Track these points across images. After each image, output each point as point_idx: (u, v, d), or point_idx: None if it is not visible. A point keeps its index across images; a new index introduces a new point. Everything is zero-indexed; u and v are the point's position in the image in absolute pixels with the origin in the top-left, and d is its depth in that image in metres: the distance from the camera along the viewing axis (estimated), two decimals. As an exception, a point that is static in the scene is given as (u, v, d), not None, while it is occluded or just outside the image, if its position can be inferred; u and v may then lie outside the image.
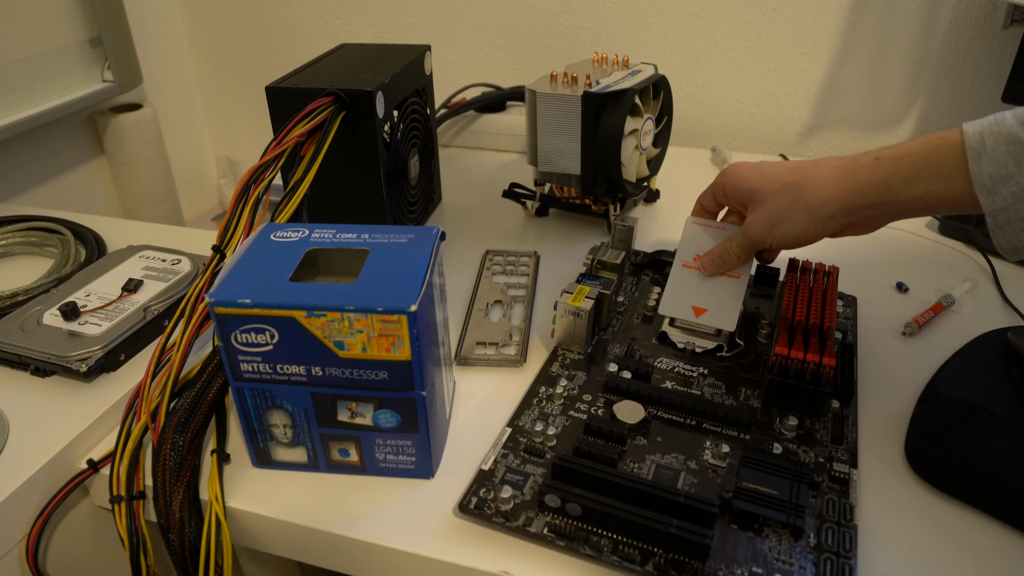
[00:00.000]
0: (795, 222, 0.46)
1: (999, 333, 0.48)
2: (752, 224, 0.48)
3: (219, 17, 1.09)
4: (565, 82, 0.63)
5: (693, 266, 0.53)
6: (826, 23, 0.85)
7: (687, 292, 0.52)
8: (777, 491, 0.39)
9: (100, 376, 0.50)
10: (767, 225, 0.47)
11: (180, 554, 0.39)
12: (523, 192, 0.73)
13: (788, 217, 0.46)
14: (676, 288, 0.53)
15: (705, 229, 0.54)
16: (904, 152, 0.43)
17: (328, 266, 0.43)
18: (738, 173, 0.49)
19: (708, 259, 0.52)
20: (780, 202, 0.46)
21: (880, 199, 0.43)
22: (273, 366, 0.38)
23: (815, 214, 0.45)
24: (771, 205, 0.47)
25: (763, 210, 0.47)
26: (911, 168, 0.42)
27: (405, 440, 0.41)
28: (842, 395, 0.46)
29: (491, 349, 0.52)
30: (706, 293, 0.52)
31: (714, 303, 0.51)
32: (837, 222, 0.45)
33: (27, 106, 0.84)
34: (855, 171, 0.44)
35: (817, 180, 0.45)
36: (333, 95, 0.55)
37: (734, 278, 0.52)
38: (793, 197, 0.46)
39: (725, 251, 0.51)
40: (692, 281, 0.53)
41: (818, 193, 0.45)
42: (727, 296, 0.51)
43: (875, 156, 0.44)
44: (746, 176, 0.48)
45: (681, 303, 0.52)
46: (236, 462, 0.44)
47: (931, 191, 0.42)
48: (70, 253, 0.64)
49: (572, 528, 0.38)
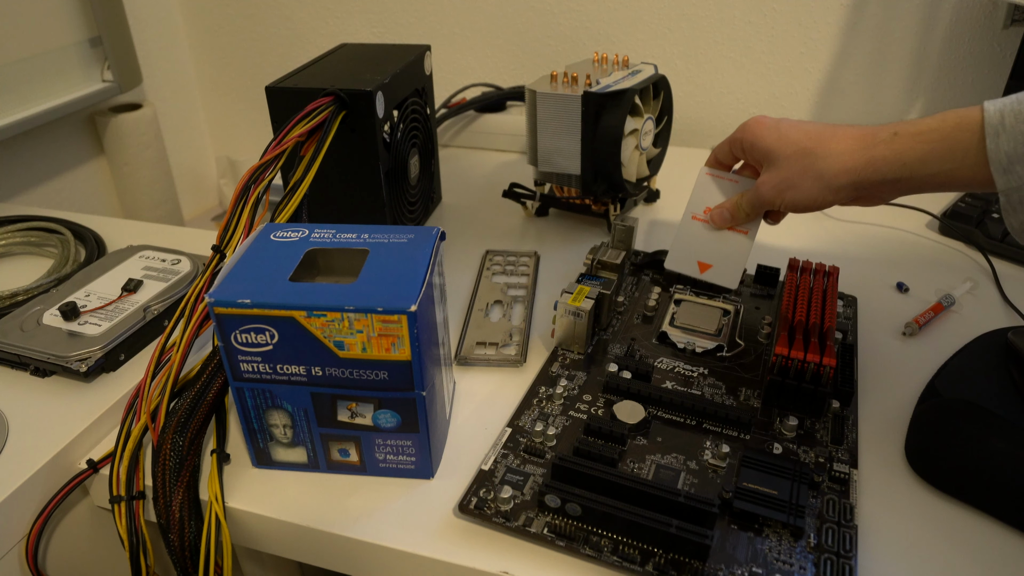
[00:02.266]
0: (806, 189, 0.46)
1: (999, 333, 0.48)
2: (764, 185, 0.48)
3: (219, 17, 1.09)
4: (565, 82, 0.63)
5: (702, 218, 0.52)
6: (826, 23, 0.85)
7: (694, 246, 0.52)
8: (777, 491, 0.39)
9: (100, 376, 0.50)
10: (778, 188, 0.47)
11: (180, 554, 0.39)
12: (523, 192, 0.73)
13: (799, 183, 0.46)
14: (684, 241, 0.52)
15: (718, 181, 0.53)
16: (922, 129, 0.42)
17: (328, 266, 0.43)
18: (757, 131, 0.49)
19: (718, 212, 0.52)
20: (794, 167, 0.46)
21: (894, 176, 0.43)
22: (273, 366, 0.38)
23: (826, 184, 0.45)
24: (784, 168, 0.47)
25: (776, 172, 0.47)
26: (928, 146, 0.42)
27: (405, 440, 0.41)
28: (842, 395, 0.46)
29: (491, 349, 0.52)
30: (713, 248, 0.51)
31: (720, 260, 0.51)
32: (847, 194, 0.45)
33: (27, 106, 0.84)
34: (872, 144, 0.44)
35: (833, 151, 0.45)
36: (333, 95, 0.55)
37: (742, 234, 0.51)
38: (807, 164, 0.46)
39: (735, 206, 0.51)
40: (700, 234, 0.52)
41: (832, 163, 0.45)
42: (733, 254, 0.51)
43: (893, 131, 0.43)
44: (764, 135, 0.48)
45: (687, 257, 0.51)
46: (236, 462, 0.44)
47: (945, 170, 0.41)
48: (70, 253, 0.64)
49: (572, 528, 0.38)
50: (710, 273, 0.51)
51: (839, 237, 0.69)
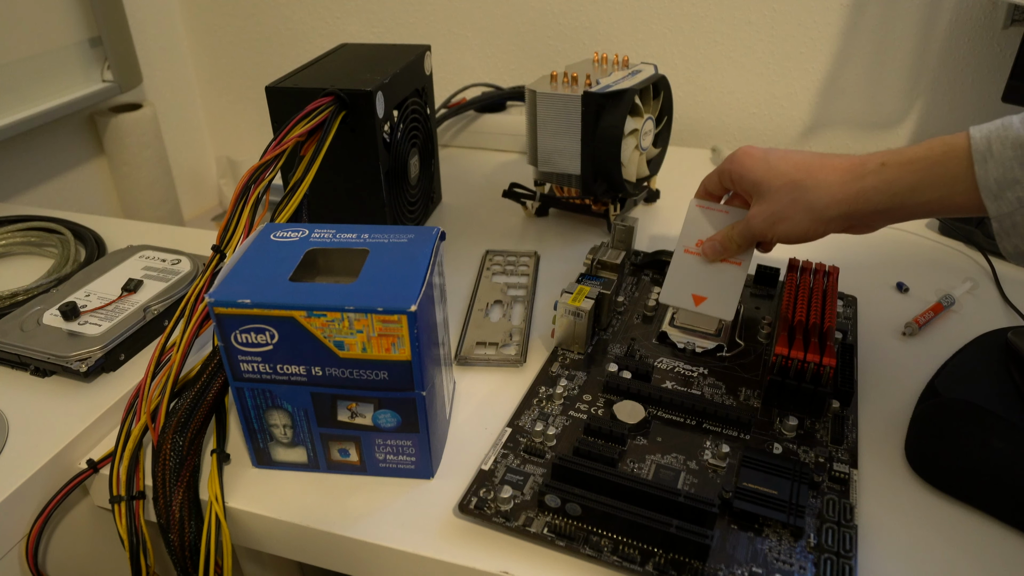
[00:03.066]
0: (797, 221, 0.46)
1: (999, 333, 0.48)
2: (755, 217, 0.48)
3: (219, 17, 1.09)
4: (565, 82, 0.63)
5: (695, 252, 0.53)
6: (826, 23, 0.85)
7: (688, 279, 0.52)
8: (777, 491, 0.39)
9: (100, 376, 0.50)
10: (769, 221, 0.47)
11: (180, 554, 0.39)
12: (523, 192, 0.73)
13: (790, 216, 0.46)
14: (677, 275, 0.52)
15: (709, 212, 0.53)
16: (910, 158, 0.42)
17: (328, 266, 0.43)
18: (745, 162, 0.49)
19: (710, 245, 0.52)
20: (783, 199, 0.46)
21: (885, 206, 0.43)
22: (273, 366, 0.38)
23: (817, 216, 0.45)
24: (774, 201, 0.47)
25: (766, 205, 0.47)
26: (916, 175, 0.42)
27: (405, 440, 0.41)
28: (842, 395, 0.46)
29: (491, 349, 0.52)
30: (706, 281, 0.52)
31: (714, 292, 0.51)
32: (838, 224, 0.46)
33: (27, 106, 0.84)
34: (861, 176, 0.44)
35: (822, 182, 0.45)
36: (333, 95, 0.55)
37: (735, 265, 0.52)
38: (796, 196, 0.46)
39: (727, 239, 0.51)
40: (693, 268, 0.52)
41: (822, 195, 0.45)
42: (727, 285, 0.51)
43: (881, 161, 0.43)
44: (753, 167, 0.48)
45: (682, 291, 0.52)
46: (236, 462, 0.44)
47: (936, 197, 0.41)
48: (70, 253, 0.64)
49: (572, 528, 0.38)
50: (705, 305, 0.51)
51: (839, 237, 0.68)
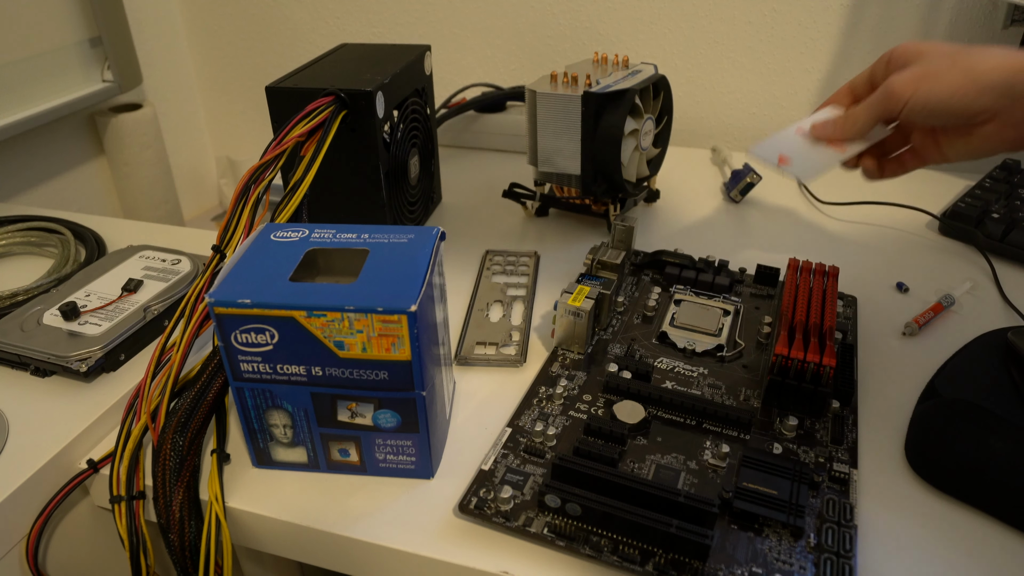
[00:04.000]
0: (948, 79, 0.43)
1: (999, 333, 0.48)
2: (898, 77, 0.44)
3: (219, 17, 1.09)
4: (565, 82, 0.63)
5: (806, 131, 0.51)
6: (826, 23, 0.85)
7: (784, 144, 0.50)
8: (777, 491, 0.39)
9: (100, 376, 0.50)
10: (915, 78, 0.44)
11: (180, 554, 0.39)
12: (523, 192, 0.73)
13: (943, 73, 0.43)
14: (777, 139, 0.50)
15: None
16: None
17: (328, 266, 0.43)
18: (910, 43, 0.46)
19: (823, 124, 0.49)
20: (941, 61, 0.43)
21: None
22: (273, 366, 0.38)
23: (973, 76, 0.42)
24: (930, 62, 0.44)
25: (919, 66, 0.44)
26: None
27: (405, 440, 0.41)
28: (842, 395, 0.46)
29: (491, 349, 0.52)
30: (801, 151, 0.49)
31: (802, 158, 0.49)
32: (991, 99, 0.42)
33: (27, 106, 0.84)
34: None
35: (993, 51, 0.42)
36: (333, 95, 0.55)
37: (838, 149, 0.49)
38: (957, 58, 0.43)
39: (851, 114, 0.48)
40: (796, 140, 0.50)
41: (987, 57, 0.42)
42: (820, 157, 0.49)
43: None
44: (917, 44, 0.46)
45: (772, 150, 0.50)
46: (236, 462, 0.44)
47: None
48: (70, 253, 0.64)
49: (572, 528, 0.38)
50: (787, 167, 0.48)
51: (839, 237, 0.69)
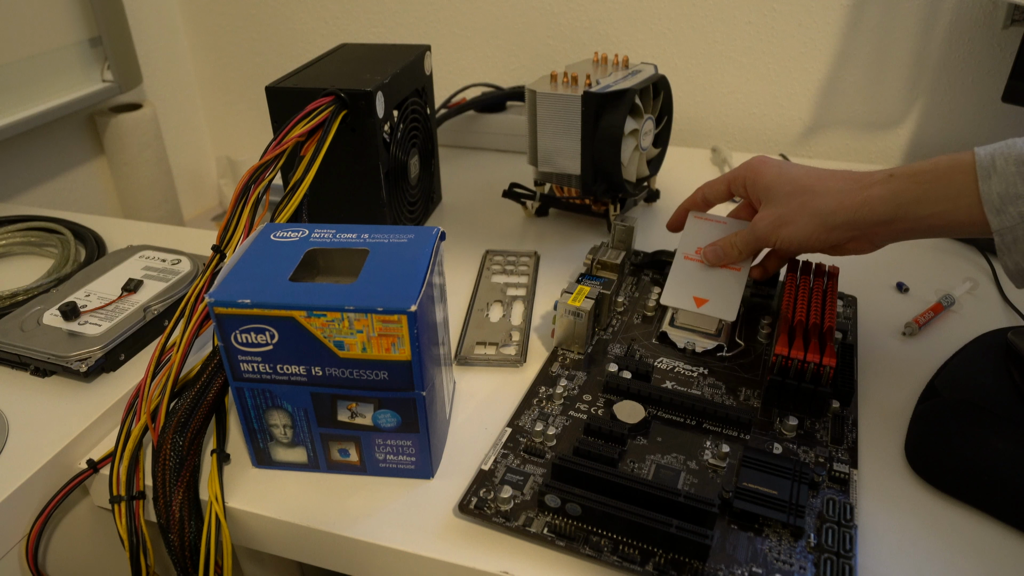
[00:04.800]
0: (801, 225, 0.47)
1: (999, 333, 0.48)
2: (760, 221, 0.49)
3: (219, 17, 1.09)
4: (565, 82, 0.63)
5: (695, 258, 0.54)
6: (826, 23, 0.85)
7: (689, 283, 0.53)
8: (777, 491, 0.39)
9: (100, 376, 0.50)
10: (774, 224, 0.48)
11: (180, 554, 0.39)
12: (523, 192, 0.73)
13: (795, 219, 0.47)
14: (678, 279, 0.53)
15: (707, 224, 0.55)
16: (917, 170, 0.43)
17: (328, 266, 0.43)
18: (760, 168, 0.50)
19: (711, 250, 0.53)
20: (791, 204, 0.47)
21: (889, 216, 0.44)
22: (273, 366, 0.38)
23: (822, 221, 0.46)
24: (782, 205, 0.48)
25: (773, 209, 0.48)
26: (921, 187, 0.43)
27: (405, 440, 0.41)
28: (842, 395, 0.46)
29: (491, 349, 0.52)
30: (707, 284, 0.52)
31: (715, 294, 0.52)
32: (842, 233, 0.46)
33: (27, 106, 0.84)
34: (868, 185, 0.45)
35: (831, 189, 0.46)
36: (333, 95, 0.55)
37: (735, 270, 0.53)
38: (804, 201, 0.47)
39: (729, 244, 0.52)
40: (694, 273, 0.53)
41: (828, 201, 0.46)
42: (728, 287, 0.52)
43: (889, 173, 0.45)
44: (766, 172, 0.49)
45: (682, 294, 0.53)
46: (236, 462, 0.44)
47: (939, 211, 0.42)
48: (70, 253, 0.64)
49: (572, 528, 0.38)
50: (707, 307, 0.52)
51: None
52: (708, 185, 0.54)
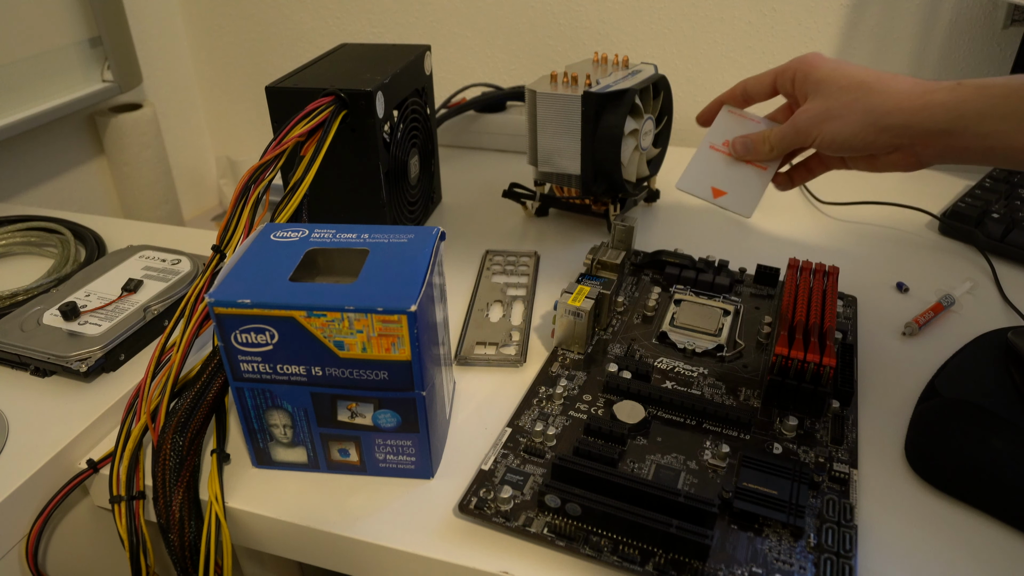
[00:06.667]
0: (849, 121, 0.43)
1: (999, 333, 0.48)
2: (803, 114, 0.46)
3: (219, 17, 1.09)
4: (565, 82, 0.63)
5: (721, 150, 0.50)
6: (826, 23, 0.85)
7: (709, 173, 0.50)
8: (777, 491, 0.39)
9: (100, 376, 0.50)
10: (819, 117, 0.45)
11: (180, 554, 0.39)
12: (523, 192, 0.73)
13: (844, 114, 0.44)
14: (698, 166, 0.50)
15: (740, 119, 0.51)
16: (987, 84, 0.41)
17: (328, 266, 0.43)
18: (814, 61, 0.46)
19: (740, 141, 0.49)
20: (843, 98, 0.44)
21: (947, 126, 0.41)
22: (273, 366, 0.38)
23: (873, 119, 0.43)
24: (832, 98, 0.44)
25: (821, 102, 0.45)
26: (988, 100, 0.40)
27: (405, 440, 0.41)
28: (842, 395, 0.46)
29: (491, 349, 0.52)
30: (729, 177, 0.49)
31: (735, 188, 0.49)
32: (891, 138, 0.43)
33: (27, 106, 0.84)
34: (932, 90, 0.42)
35: (891, 87, 0.43)
36: (333, 95, 0.55)
37: (761, 168, 0.49)
38: (859, 96, 0.43)
39: (761, 139, 0.49)
40: (717, 163, 0.50)
41: (886, 99, 0.43)
42: (750, 183, 0.49)
43: (957, 82, 0.42)
44: (821, 65, 0.46)
45: (701, 182, 0.50)
46: (236, 462, 0.44)
47: (1001, 129, 0.40)
48: (70, 253, 0.64)
49: (572, 528, 0.38)
50: (724, 199, 0.48)
51: (839, 237, 0.69)
52: (752, 78, 0.50)
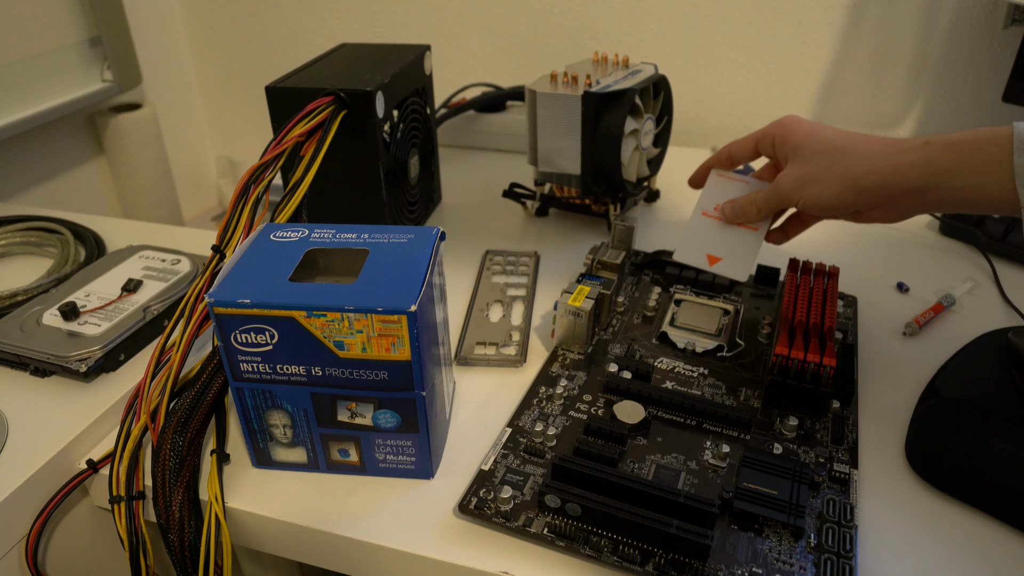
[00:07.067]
0: (827, 185, 0.45)
1: (999, 333, 0.48)
2: (784, 178, 0.47)
3: (219, 17, 1.09)
4: (565, 82, 0.63)
5: (713, 215, 0.52)
6: (826, 23, 0.85)
7: (703, 240, 0.51)
8: (777, 491, 0.39)
9: (100, 376, 0.50)
10: (799, 182, 0.46)
11: (180, 554, 0.39)
12: (523, 192, 0.73)
13: (822, 179, 0.45)
14: (693, 235, 0.52)
15: (729, 182, 0.53)
16: (953, 140, 0.42)
17: (328, 266, 0.43)
18: (790, 126, 0.48)
19: (729, 206, 0.51)
20: (820, 163, 0.46)
21: (920, 184, 0.42)
22: (273, 366, 0.38)
23: (850, 183, 0.44)
24: (810, 163, 0.46)
25: (800, 166, 0.47)
26: (956, 156, 0.41)
27: (405, 440, 0.41)
28: (842, 395, 0.46)
29: (491, 349, 0.52)
30: (722, 242, 0.51)
31: (730, 253, 0.51)
32: (869, 198, 0.45)
33: (27, 106, 0.84)
34: (902, 151, 0.43)
35: (863, 151, 0.44)
36: (333, 95, 0.55)
37: (752, 230, 0.51)
38: (833, 161, 0.45)
39: (749, 202, 0.50)
40: (710, 230, 0.52)
41: (859, 163, 0.44)
42: (744, 246, 0.50)
43: (924, 140, 0.43)
44: (797, 130, 0.48)
45: (696, 251, 0.51)
46: (236, 462, 0.44)
47: (972, 183, 0.41)
48: (70, 253, 0.64)
49: (572, 528, 0.38)
50: (720, 266, 0.50)
51: (839, 237, 0.69)
52: (735, 142, 0.52)
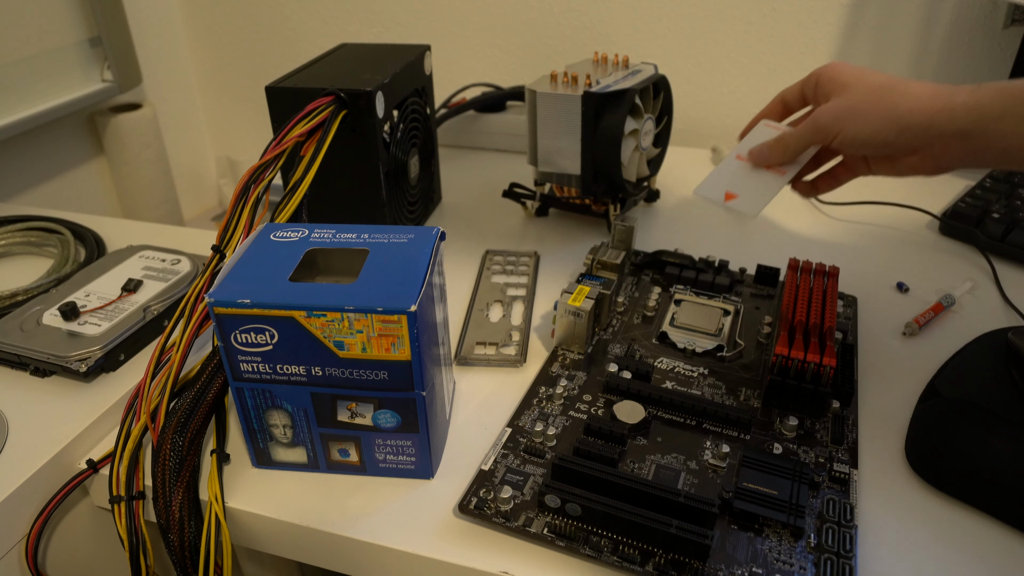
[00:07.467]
0: (869, 120, 0.44)
1: (999, 333, 0.48)
2: (824, 111, 0.46)
3: (219, 17, 1.09)
4: (565, 82, 0.63)
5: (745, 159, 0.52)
6: (826, 23, 0.85)
7: (727, 179, 0.52)
8: (777, 491, 0.39)
9: (100, 376, 0.50)
10: (840, 115, 0.45)
11: (180, 554, 0.39)
12: (523, 192, 0.73)
13: (866, 113, 0.44)
14: (719, 174, 0.52)
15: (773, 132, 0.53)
16: (1007, 85, 0.41)
17: (328, 266, 0.43)
18: (838, 66, 0.47)
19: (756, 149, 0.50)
20: (866, 97, 0.45)
21: (967, 128, 0.42)
22: (273, 366, 0.38)
23: (894, 119, 0.43)
24: (854, 96, 0.45)
25: (843, 99, 0.46)
26: (1009, 100, 0.41)
27: (405, 440, 0.41)
28: (842, 395, 0.46)
29: (491, 349, 0.52)
30: (744, 182, 0.51)
31: (747, 191, 0.50)
32: (911, 139, 0.43)
33: (27, 106, 0.84)
34: (953, 93, 0.42)
35: (913, 91, 0.43)
36: (333, 95, 0.55)
37: (779, 173, 0.51)
38: (880, 96, 0.44)
39: (777, 140, 0.49)
40: (737, 170, 0.52)
41: (908, 100, 0.43)
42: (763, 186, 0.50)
43: (977, 84, 0.42)
44: (844, 70, 0.47)
45: (717, 187, 0.51)
46: (236, 462, 0.44)
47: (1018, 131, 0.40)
48: (70, 253, 0.64)
49: (572, 528, 0.38)
50: (734, 202, 0.50)
51: (839, 237, 0.69)
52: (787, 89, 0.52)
